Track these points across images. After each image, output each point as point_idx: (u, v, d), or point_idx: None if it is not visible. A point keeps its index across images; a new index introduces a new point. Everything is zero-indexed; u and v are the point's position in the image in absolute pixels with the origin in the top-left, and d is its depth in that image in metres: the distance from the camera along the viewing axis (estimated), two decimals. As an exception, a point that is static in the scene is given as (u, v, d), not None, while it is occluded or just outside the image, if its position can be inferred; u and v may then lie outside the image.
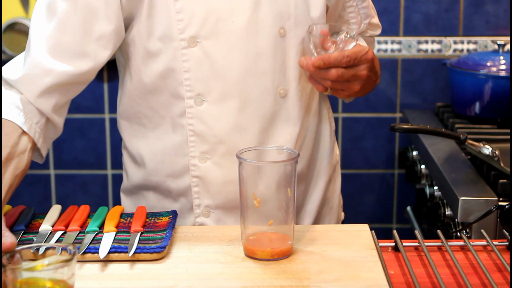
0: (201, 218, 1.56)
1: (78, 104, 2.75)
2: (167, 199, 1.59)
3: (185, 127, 1.51)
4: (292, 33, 1.50)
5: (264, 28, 1.48)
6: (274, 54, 1.49)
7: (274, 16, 1.48)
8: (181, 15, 1.46)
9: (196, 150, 1.52)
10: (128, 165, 1.64)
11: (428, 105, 2.74)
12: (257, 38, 1.48)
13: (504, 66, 2.41)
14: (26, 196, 2.83)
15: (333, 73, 1.39)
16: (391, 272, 1.24)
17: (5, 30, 2.65)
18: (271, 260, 1.24)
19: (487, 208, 1.69)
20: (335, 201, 1.70)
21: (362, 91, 1.47)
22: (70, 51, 1.45)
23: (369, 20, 1.64)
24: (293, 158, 1.24)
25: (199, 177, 1.53)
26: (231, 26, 1.46)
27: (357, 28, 1.63)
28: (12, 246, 1.15)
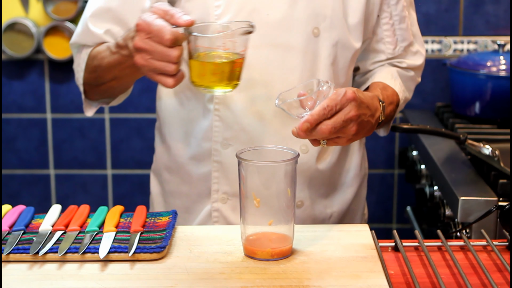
0: (218, 203, 1.59)
1: (78, 104, 2.75)
2: (186, 184, 1.63)
3: (212, 112, 1.55)
4: (326, 34, 1.52)
5: (298, 25, 1.50)
6: (305, 52, 1.51)
7: (310, 15, 1.50)
8: (219, 1, 1.48)
9: (220, 135, 1.56)
10: (158, 145, 1.69)
11: (428, 105, 2.73)
12: (290, 34, 1.50)
13: (504, 66, 2.41)
14: (26, 196, 2.83)
15: (323, 129, 1.29)
16: (391, 272, 1.24)
17: (5, 30, 2.65)
18: (271, 260, 1.24)
19: (487, 208, 1.69)
20: (358, 213, 1.72)
21: (363, 131, 1.37)
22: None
23: (406, 44, 1.63)
24: (293, 158, 1.24)
25: (220, 162, 1.57)
26: (265, 18, 1.49)
27: (392, 48, 1.62)
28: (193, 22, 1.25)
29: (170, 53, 1.24)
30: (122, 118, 2.77)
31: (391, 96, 1.58)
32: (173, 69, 1.26)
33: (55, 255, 1.24)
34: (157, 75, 1.28)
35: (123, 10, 1.52)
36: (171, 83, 1.27)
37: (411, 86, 1.70)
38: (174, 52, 1.24)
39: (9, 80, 2.74)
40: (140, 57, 1.28)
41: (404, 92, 1.64)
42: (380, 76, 1.62)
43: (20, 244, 1.27)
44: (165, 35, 1.23)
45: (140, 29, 1.26)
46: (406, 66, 1.66)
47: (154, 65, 1.26)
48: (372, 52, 1.65)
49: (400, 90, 1.62)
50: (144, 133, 2.78)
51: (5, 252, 1.24)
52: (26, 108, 2.77)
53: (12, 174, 2.82)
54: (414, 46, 1.66)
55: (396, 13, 1.60)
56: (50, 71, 2.74)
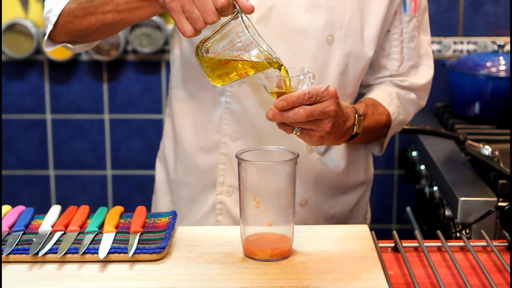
0: (222, 196, 1.60)
1: (77, 104, 2.76)
2: (192, 175, 1.63)
3: (223, 104, 1.55)
4: (340, 43, 1.52)
5: (313, 30, 1.50)
6: (316, 58, 1.51)
7: (327, 21, 1.50)
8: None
9: (229, 128, 1.57)
10: (166, 132, 1.70)
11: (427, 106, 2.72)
12: (304, 37, 1.50)
13: (504, 67, 2.41)
14: (26, 196, 2.83)
15: (301, 112, 1.26)
16: (391, 272, 1.24)
17: (4, 31, 2.65)
18: (271, 260, 1.24)
19: (487, 208, 1.69)
20: (360, 217, 1.72)
21: (335, 134, 1.35)
22: None
23: (411, 63, 1.62)
24: (293, 159, 1.24)
25: (227, 155, 1.58)
26: (282, 17, 1.49)
27: (398, 65, 1.61)
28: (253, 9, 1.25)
29: (212, 14, 1.25)
30: (121, 119, 2.77)
31: (378, 114, 1.56)
32: (202, 27, 1.26)
33: (55, 256, 1.24)
34: (184, 18, 1.27)
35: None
36: (189, 33, 1.27)
37: (411, 110, 1.67)
38: (215, 16, 1.25)
39: (9, 80, 2.75)
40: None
41: (400, 114, 1.62)
42: (376, 93, 1.61)
43: (20, 244, 1.27)
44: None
45: None
46: (408, 85, 1.64)
47: (190, 8, 1.26)
48: (376, 67, 1.64)
49: (394, 111, 1.60)
50: (144, 134, 2.78)
51: (5, 252, 1.24)
52: (26, 108, 2.77)
53: (12, 175, 2.82)
54: (419, 68, 1.64)
55: (407, 31, 1.59)
56: (50, 71, 2.74)
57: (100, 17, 1.48)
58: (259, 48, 1.27)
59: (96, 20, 1.49)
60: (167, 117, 1.71)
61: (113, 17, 1.47)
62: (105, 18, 1.47)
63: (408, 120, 1.68)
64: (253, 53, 1.27)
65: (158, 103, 2.75)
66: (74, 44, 1.58)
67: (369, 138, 1.61)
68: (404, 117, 1.64)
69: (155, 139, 2.74)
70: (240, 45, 1.27)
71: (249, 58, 1.28)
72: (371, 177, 1.75)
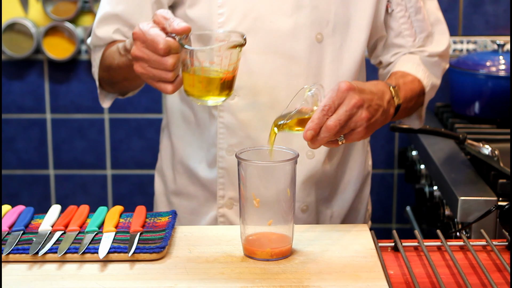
0: (224, 209, 1.60)
1: (77, 104, 2.76)
2: (194, 185, 1.64)
3: (217, 119, 1.56)
4: (329, 39, 1.52)
5: (302, 32, 1.50)
6: (309, 58, 1.51)
7: (313, 21, 1.50)
8: (222, 9, 1.49)
9: (225, 142, 1.57)
10: (164, 144, 1.70)
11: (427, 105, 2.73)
12: (294, 40, 1.50)
13: (503, 66, 2.41)
14: (26, 196, 2.83)
15: (329, 126, 1.24)
16: (391, 272, 1.24)
17: (4, 31, 2.65)
18: (271, 260, 1.24)
19: (487, 208, 1.69)
20: (361, 211, 1.72)
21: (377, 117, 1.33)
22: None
23: (425, 34, 1.61)
24: (293, 158, 1.24)
25: (225, 168, 1.58)
26: (269, 25, 1.49)
27: (412, 40, 1.61)
28: (188, 29, 1.23)
29: (165, 61, 1.24)
30: (121, 118, 2.77)
31: (409, 82, 1.54)
32: (170, 76, 1.26)
33: (54, 255, 1.24)
34: (156, 82, 1.28)
35: (128, 14, 1.53)
36: (169, 89, 1.27)
37: (437, 72, 1.65)
38: (169, 60, 1.24)
39: (9, 80, 2.74)
40: (138, 65, 1.29)
41: (429, 78, 1.60)
42: (400, 65, 1.59)
43: (19, 244, 1.27)
44: (159, 44, 1.23)
45: (136, 37, 1.27)
46: (428, 55, 1.62)
47: (151, 72, 1.27)
48: (392, 47, 1.63)
49: (424, 77, 1.58)
50: (144, 133, 2.78)
51: (5, 252, 1.24)
52: (26, 108, 2.77)
53: (11, 174, 2.82)
54: (434, 36, 1.63)
55: (411, 5, 1.59)
56: (50, 71, 2.74)
57: (120, 85, 1.57)
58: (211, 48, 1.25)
59: (121, 87, 1.58)
60: (165, 129, 1.71)
61: (130, 84, 1.56)
62: (124, 84, 1.57)
63: (438, 83, 1.66)
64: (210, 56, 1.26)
65: (158, 103, 2.75)
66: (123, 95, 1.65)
67: (410, 108, 1.58)
68: (434, 81, 1.63)
69: (155, 139, 2.74)
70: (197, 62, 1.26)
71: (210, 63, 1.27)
72: (370, 170, 1.74)
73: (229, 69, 1.26)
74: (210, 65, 1.26)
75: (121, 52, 1.45)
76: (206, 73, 1.26)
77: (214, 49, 1.24)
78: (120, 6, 1.53)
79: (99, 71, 1.58)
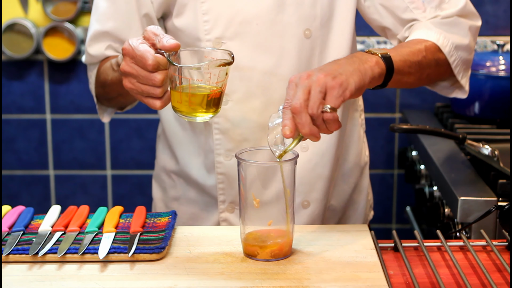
0: (225, 213, 1.60)
1: (77, 104, 2.76)
2: (193, 191, 1.63)
3: (212, 125, 1.55)
4: (317, 33, 1.51)
5: (289, 30, 1.50)
6: (299, 55, 1.51)
7: (299, 17, 1.50)
8: (207, 16, 1.49)
9: (222, 147, 1.56)
10: (161, 151, 1.70)
11: (427, 105, 2.74)
12: (282, 39, 1.50)
13: (503, 66, 2.41)
14: (26, 196, 2.83)
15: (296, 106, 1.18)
16: (391, 272, 1.24)
17: (4, 31, 2.65)
18: (271, 260, 1.24)
19: (487, 208, 1.69)
20: (361, 202, 1.72)
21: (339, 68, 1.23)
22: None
23: (435, 3, 1.52)
24: (293, 159, 1.24)
25: (225, 174, 1.58)
26: (255, 27, 1.49)
27: (422, 11, 1.52)
28: (177, 46, 1.24)
29: (154, 77, 1.24)
30: (121, 119, 2.77)
31: (407, 46, 1.45)
32: (158, 92, 1.26)
33: (54, 256, 1.24)
34: (144, 97, 1.29)
35: (118, 31, 1.54)
36: (158, 105, 1.28)
37: (460, 30, 1.52)
38: (157, 76, 1.24)
39: (9, 80, 2.74)
40: (127, 81, 1.29)
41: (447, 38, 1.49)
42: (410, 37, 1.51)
43: (19, 244, 1.27)
44: (147, 60, 1.23)
45: (125, 53, 1.27)
46: (444, 16, 1.53)
47: (140, 88, 1.27)
48: (401, 23, 1.55)
49: (437, 38, 1.48)
50: (144, 134, 2.78)
51: (5, 252, 1.24)
52: (26, 108, 2.77)
53: (11, 175, 2.82)
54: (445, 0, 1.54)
55: None
56: (50, 71, 2.74)
57: (116, 100, 1.59)
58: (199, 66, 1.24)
59: (116, 102, 1.60)
60: (161, 136, 1.71)
61: (125, 99, 1.57)
62: (119, 100, 1.58)
63: (466, 42, 1.53)
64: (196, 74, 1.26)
65: (157, 103, 2.74)
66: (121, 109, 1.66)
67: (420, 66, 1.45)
68: (457, 40, 1.51)
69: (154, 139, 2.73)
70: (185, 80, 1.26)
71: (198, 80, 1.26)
72: (367, 160, 1.74)
73: (217, 86, 1.26)
74: (198, 82, 1.26)
75: (113, 68, 1.46)
76: (194, 90, 1.26)
77: (202, 67, 1.24)
78: (109, 23, 1.54)
79: (95, 88, 1.59)
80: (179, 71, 1.24)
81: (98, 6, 1.55)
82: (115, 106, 1.64)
